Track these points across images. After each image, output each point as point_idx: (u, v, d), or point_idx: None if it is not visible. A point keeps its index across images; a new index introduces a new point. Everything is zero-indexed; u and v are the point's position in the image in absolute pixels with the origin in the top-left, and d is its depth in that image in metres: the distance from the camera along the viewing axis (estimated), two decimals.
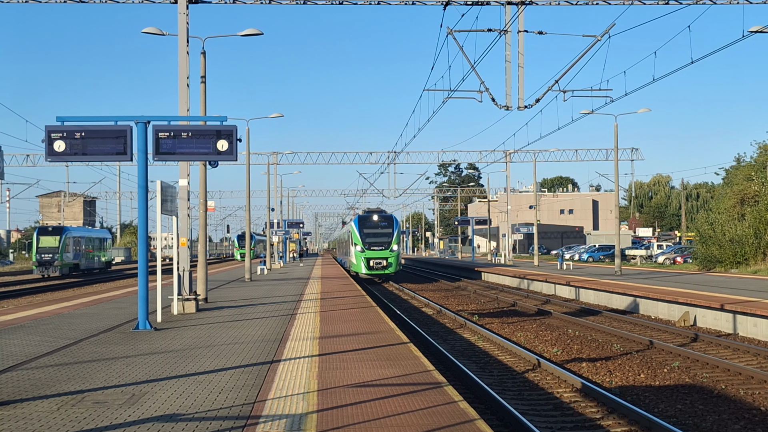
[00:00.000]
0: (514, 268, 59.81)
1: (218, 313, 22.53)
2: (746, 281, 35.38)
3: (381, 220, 51.57)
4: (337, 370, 12.48)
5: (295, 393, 10.62)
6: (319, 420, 9.06)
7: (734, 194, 57.88)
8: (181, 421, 9.05)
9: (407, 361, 13.31)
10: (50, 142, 17.22)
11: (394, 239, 50.46)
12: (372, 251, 50.03)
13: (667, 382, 16.06)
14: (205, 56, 27.51)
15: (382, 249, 50.18)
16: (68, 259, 63.63)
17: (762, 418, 12.96)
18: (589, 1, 27.46)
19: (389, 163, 77.13)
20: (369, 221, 51.38)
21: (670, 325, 25.52)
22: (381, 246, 50.23)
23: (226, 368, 12.68)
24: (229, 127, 17.81)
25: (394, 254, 50.34)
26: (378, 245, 50.22)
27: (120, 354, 14.39)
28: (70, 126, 17.33)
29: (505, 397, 14.06)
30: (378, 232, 50.73)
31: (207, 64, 27.64)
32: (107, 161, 17.91)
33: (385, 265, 49.84)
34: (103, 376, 12.01)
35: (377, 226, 50.98)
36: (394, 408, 9.67)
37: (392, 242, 50.34)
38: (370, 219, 51.58)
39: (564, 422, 12.79)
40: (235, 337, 16.66)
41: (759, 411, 13.48)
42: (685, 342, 22.05)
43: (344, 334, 17.25)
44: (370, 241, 50.28)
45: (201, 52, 27.49)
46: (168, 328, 18.50)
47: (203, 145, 17.86)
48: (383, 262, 49.86)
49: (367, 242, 50.21)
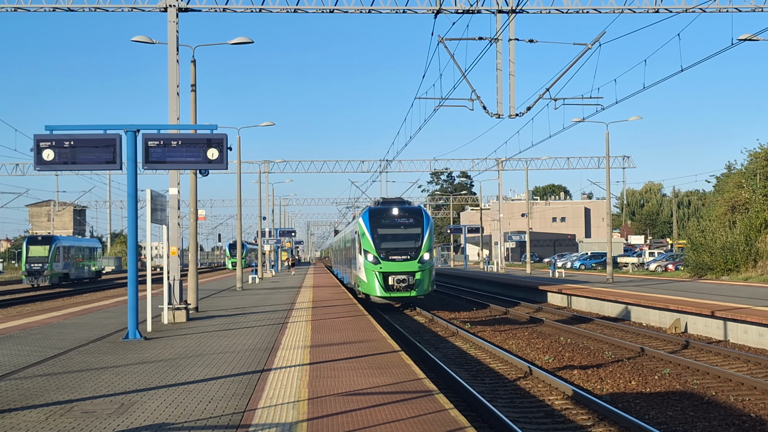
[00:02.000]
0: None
1: (209, 322, 22.49)
2: (737, 288, 35.48)
3: (404, 214, 34.56)
4: (328, 378, 12.47)
5: (286, 402, 10.61)
6: (309, 429, 9.04)
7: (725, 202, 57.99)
8: (170, 431, 9.02)
9: (398, 370, 13.30)
10: (39, 150, 17.20)
11: (424, 244, 33.49)
12: (391, 262, 32.97)
13: (658, 389, 16.08)
14: (195, 64, 27.51)
15: (407, 259, 33.14)
16: (58, 269, 63.43)
17: (752, 425, 12.99)
18: (579, 10, 27.59)
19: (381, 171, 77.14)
20: (386, 216, 34.44)
21: (661, 332, 25.56)
22: (405, 255, 33.30)
23: (216, 377, 12.66)
24: (219, 136, 17.82)
25: (425, 268, 33.09)
26: (400, 253, 33.38)
27: (109, 364, 14.35)
28: (59, 135, 17.32)
29: (497, 405, 14.06)
30: (400, 234, 34.25)
31: (197, 73, 27.63)
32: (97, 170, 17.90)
33: (411, 285, 32.71)
34: (92, 386, 11.97)
35: (399, 223, 34.37)
36: (385, 416, 9.67)
37: (422, 249, 33.34)
38: (388, 213, 34.52)
39: (555, 429, 12.80)
40: (226, 346, 16.64)
41: (749, 417, 13.50)
42: (676, 349, 22.10)
43: (335, 342, 17.24)
44: (388, 247, 33.49)
45: (191, 61, 27.48)
46: (158, 337, 18.45)
47: (193, 154, 17.86)
48: (408, 280, 32.70)
49: (384, 249, 33.35)
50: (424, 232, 33.95)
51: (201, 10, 26.34)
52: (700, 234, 50.26)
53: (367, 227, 34.08)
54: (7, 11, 26.44)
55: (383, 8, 27.02)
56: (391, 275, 32.83)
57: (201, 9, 26.30)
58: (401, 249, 33.62)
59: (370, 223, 34.18)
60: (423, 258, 33.16)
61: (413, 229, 34.04)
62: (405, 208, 35.18)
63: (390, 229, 34.26)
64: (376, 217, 34.47)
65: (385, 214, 34.51)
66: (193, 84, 27.36)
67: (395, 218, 34.39)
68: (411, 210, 35.13)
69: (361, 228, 34.68)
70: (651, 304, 29.07)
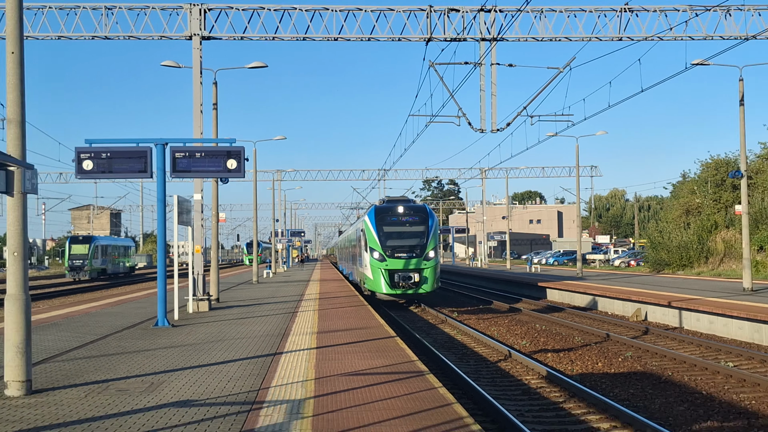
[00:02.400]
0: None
1: (228, 311, 22.46)
2: (690, 281, 35.45)
3: (410, 212, 31.59)
4: (332, 360, 12.45)
5: (295, 381, 10.60)
6: (315, 405, 9.04)
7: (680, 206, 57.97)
8: (194, 407, 9.02)
9: (394, 353, 13.28)
10: (80, 161, 17.14)
11: (429, 241, 30.51)
12: (396, 260, 30.13)
13: (621, 370, 16.06)
14: (217, 86, 27.48)
15: (413, 256, 30.35)
16: (96, 265, 63.30)
17: (703, 401, 12.99)
18: (553, 38, 27.57)
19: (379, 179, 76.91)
20: (391, 214, 31.50)
21: (624, 320, 25.53)
22: (410, 252, 30.46)
23: (234, 360, 12.65)
24: (237, 148, 17.79)
25: (430, 264, 30.20)
26: (406, 251, 30.56)
27: (141, 348, 14.33)
28: (97, 147, 17.27)
29: (480, 384, 14.03)
30: (405, 231, 31.38)
31: (218, 93, 27.61)
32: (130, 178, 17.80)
33: (416, 282, 29.92)
34: (125, 367, 11.96)
35: (404, 221, 31.51)
36: (382, 394, 9.66)
37: (427, 246, 30.38)
38: (394, 211, 31.54)
39: (531, 405, 12.79)
40: (243, 333, 16.62)
41: (701, 394, 13.50)
42: (638, 335, 22.07)
43: (339, 329, 17.20)
44: (393, 244, 30.64)
45: (213, 83, 27.45)
46: (184, 324, 18.43)
47: (215, 164, 17.82)
48: (414, 277, 29.92)
49: (389, 246, 30.46)
50: (429, 229, 30.73)
51: (221, 38, 26.34)
52: (658, 234, 50.21)
53: (372, 225, 30.97)
54: (52, 39, 26.51)
55: (381, 36, 26.97)
56: (397, 272, 29.91)
57: (221, 37, 26.29)
58: (406, 246, 30.53)
59: (375, 220, 31.01)
60: (428, 255, 30.12)
61: (418, 227, 30.93)
62: (410, 206, 32.08)
63: (395, 226, 31.21)
64: (382, 215, 31.27)
65: (391, 212, 31.39)
66: (215, 103, 27.32)
67: (400, 216, 31.25)
68: (416, 208, 32.00)
69: (366, 226, 31.52)
70: (615, 295, 29.04)
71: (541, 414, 12.16)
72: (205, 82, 25.33)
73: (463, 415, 8.56)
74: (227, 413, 8.64)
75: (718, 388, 13.96)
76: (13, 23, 9.83)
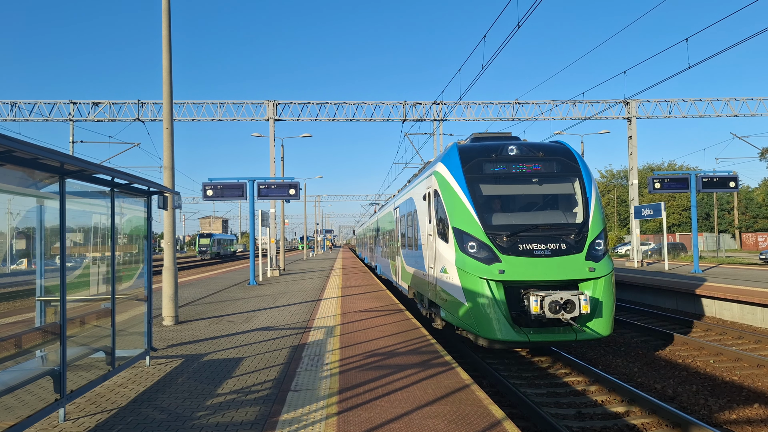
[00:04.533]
0: None
1: (290, 276, 22.31)
2: None
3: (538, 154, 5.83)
4: (350, 303, 12.37)
5: (329, 315, 10.55)
6: (341, 328, 9.02)
7: None
8: (272, 330, 9.00)
9: (385, 299, 13.21)
10: (204, 190, 17.13)
11: (593, 218, 5.41)
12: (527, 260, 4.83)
13: None
14: (283, 147, 27.54)
15: (560, 251, 4.84)
16: (214, 250, 62.75)
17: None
18: (475, 119, 27.58)
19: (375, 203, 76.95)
20: (499, 160, 5.78)
21: None
22: (554, 243, 4.82)
23: (294, 303, 12.58)
24: (294, 182, 17.79)
25: (602, 270, 5.18)
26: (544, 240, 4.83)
27: (240, 297, 14.25)
28: (214, 182, 17.26)
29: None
30: (535, 195, 5.63)
31: (284, 150, 27.61)
32: (234, 200, 17.86)
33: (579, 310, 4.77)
34: (231, 308, 11.88)
35: (527, 174, 5.54)
36: (380, 321, 9.64)
37: (589, 229, 5.27)
38: (503, 154, 5.91)
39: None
40: (299, 288, 16.53)
41: None
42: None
43: (354, 285, 17.11)
44: (516, 223, 5.17)
45: (281, 145, 27.53)
46: (265, 284, 18.31)
47: (282, 191, 17.80)
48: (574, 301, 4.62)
49: (507, 228, 5.12)
50: (588, 192, 6.47)
51: (286, 119, 26.48)
52: None
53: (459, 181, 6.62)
54: (188, 121, 26.51)
55: (376, 118, 27.06)
56: (533, 290, 5.93)
57: (286, 119, 26.44)
58: (544, 229, 6.05)
59: (465, 173, 6.69)
60: (595, 247, 5.96)
61: (561, 185, 6.51)
62: (534, 145, 6.96)
63: (511, 185, 6.52)
64: (479, 160, 6.73)
65: (496, 156, 6.71)
66: (282, 157, 27.40)
67: (518, 163, 6.56)
68: (549, 148, 6.90)
69: (444, 183, 6.95)
70: None
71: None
72: (276, 144, 25.40)
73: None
74: (291, 333, 8.60)
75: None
76: (167, 110, 9.88)
